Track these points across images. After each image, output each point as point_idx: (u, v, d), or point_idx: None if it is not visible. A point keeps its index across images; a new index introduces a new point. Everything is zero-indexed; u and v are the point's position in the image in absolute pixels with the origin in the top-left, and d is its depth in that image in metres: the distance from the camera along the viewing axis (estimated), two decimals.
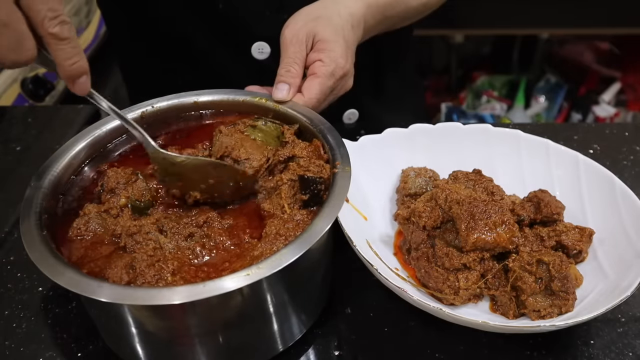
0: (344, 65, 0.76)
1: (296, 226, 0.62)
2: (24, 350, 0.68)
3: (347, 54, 0.77)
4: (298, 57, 0.76)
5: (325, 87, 0.75)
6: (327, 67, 0.74)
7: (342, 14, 0.79)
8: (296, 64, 0.75)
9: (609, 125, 1.08)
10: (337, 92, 0.79)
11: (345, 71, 0.77)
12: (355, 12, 0.80)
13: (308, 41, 0.76)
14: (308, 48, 0.77)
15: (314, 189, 0.64)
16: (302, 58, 0.76)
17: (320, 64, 0.75)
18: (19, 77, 1.39)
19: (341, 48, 0.76)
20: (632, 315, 0.70)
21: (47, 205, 0.63)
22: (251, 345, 0.63)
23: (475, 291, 0.68)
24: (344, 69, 0.76)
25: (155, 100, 0.76)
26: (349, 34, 0.78)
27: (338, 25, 0.77)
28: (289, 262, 0.53)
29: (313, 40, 0.76)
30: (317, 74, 0.75)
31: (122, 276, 0.57)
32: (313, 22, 0.77)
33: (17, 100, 1.37)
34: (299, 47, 0.76)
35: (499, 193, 0.75)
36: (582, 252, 0.72)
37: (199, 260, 0.60)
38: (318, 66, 0.75)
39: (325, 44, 0.75)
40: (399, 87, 1.12)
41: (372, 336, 0.69)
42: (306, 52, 0.76)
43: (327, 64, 0.74)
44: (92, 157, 0.72)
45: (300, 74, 0.76)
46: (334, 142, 0.68)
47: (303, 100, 0.74)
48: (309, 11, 0.79)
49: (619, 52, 2.31)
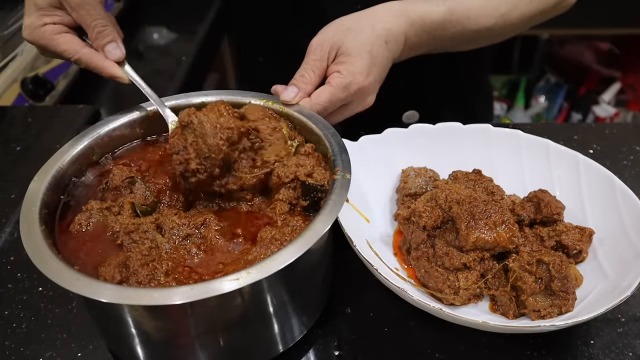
0: (362, 81, 0.74)
1: (292, 231, 0.62)
2: (24, 350, 0.68)
3: (369, 70, 0.75)
4: (316, 65, 0.76)
5: (335, 97, 0.74)
6: (343, 79, 0.74)
7: (377, 28, 0.77)
8: (312, 71, 0.75)
9: (609, 125, 1.08)
10: (352, 107, 0.78)
11: (362, 87, 0.75)
12: (393, 28, 0.78)
13: (331, 52, 0.76)
14: (330, 59, 0.76)
15: (313, 197, 0.64)
16: (321, 67, 0.76)
17: (337, 75, 0.74)
18: (19, 77, 1.39)
19: (363, 63, 0.74)
20: (632, 315, 0.70)
21: (48, 200, 0.63)
22: (251, 346, 0.63)
23: (475, 291, 0.68)
24: (361, 84, 0.74)
25: (164, 99, 0.76)
26: (379, 49, 0.76)
27: (367, 40, 0.75)
28: (279, 268, 0.53)
29: (337, 52, 0.76)
30: (330, 84, 0.74)
31: (114, 275, 0.57)
32: (341, 34, 0.76)
33: (17, 100, 1.37)
34: (320, 57, 0.76)
35: (499, 193, 0.75)
36: (582, 252, 0.72)
37: (193, 262, 0.60)
38: (334, 77, 0.74)
39: (347, 57, 0.75)
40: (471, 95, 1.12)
41: (372, 336, 0.69)
42: (327, 62, 0.76)
43: (344, 77, 0.74)
44: (97, 154, 0.72)
45: (314, 82, 0.76)
46: (336, 148, 0.68)
47: (309, 103, 0.74)
48: (343, 22, 0.78)
49: (619, 52, 2.31)
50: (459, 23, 0.82)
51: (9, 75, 1.37)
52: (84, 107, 1.12)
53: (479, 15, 0.83)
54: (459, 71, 1.06)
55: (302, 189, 0.65)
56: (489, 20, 0.84)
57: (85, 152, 0.70)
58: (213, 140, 0.62)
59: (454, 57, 0.94)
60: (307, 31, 0.80)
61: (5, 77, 1.36)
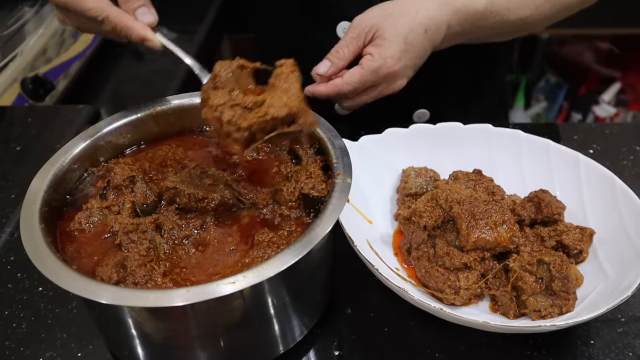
0: (392, 66, 0.77)
1: (289, 235, 0.62)
2: (24, 350, 0.68)
3: (401, 56, 0.77)
4: (353, 43, 0.78)
5: (364, 79, 0.77)
6: (374, 62, 0.76)
7: (419, 16, 0.79)
8: (347, 47, 0.78)
9: (609, 125, 1.08)
10: (382, 89, 0.80)
11: (392, 71, 0.77)
12: (435, 17, 0.80)
13: (369, 33, 0.78)
14: (367, 40, 0.79)
15: (318, 208, 0.64)
16: (357, 46, 0.79)
17: (369, 57, 0.77)
18: (19, 77, 1.39)
19: (396, 49, 0.77)
20: (632, 315, 0.70)
21: (49, 198, 0.63)
22: (252, 347, 0.63)
23: (475, 291, 0.68)
24: (391, 69, 0.77)
25: (167, 98, 0.76)
26: (417, 37, 0.78)
27: (405, 26, 0.78)
28: (275, 273, 0.53)
29: (374, 34, 0.78)
30: (362, 65, 0.77)
31: (111, 275, 0.57)
32: (382, 18, 0.78)
33: (17, 100, 1.37)
34: (357, 35, 0.79)
35: (499, 193, 0.75)
36: (582, 252, 0.72)
37: (191, 263, 0.60)
38: (366, 59, 0.77)
39: (382, 40, 0.77)
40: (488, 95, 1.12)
41: (372, 336, 0.69)
42: (364, 42, 0.79)
43: (375, 60, 0.76)
44: (98, 154, 0.72)
45: (347, 58, 0.79)
46: (338, 152, 0.67)
47: (340, 82, 0.77)
48: (386, 6, 0.80)
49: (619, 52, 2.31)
50: (498, 14, 0.84)
51: (9, 75, 1.37)
52: (84, 107, 1.12)
53: (518, 6, 0.85)
54: (476, 70, 1.06)
55: (305, 201, 0.65)
56: (525, 11, 0.86)
57: (87, 151, 0.70)
58: None
59: (472, 55, 0.96)
60: (323, 27, 0.81)
61: (5, 77, 1.36)
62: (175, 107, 0.76)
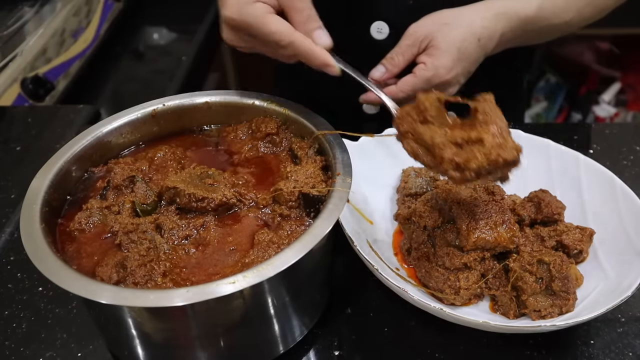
0: (444, 75, 0.78)
1: (289, 235, 0.62)
2: (24, 350, 0.68)
3: (453, 66, 0.79)
4: (407, 51, 0.80)
5: (417, 87, 0.78)
6: (426, 72, 0.78)
7: (475, 25, 0.80)
8: (402, 55, 0.80)
9: (609, 125, 1.08)
10: None
11: (444, 81, 0.79)
12: (490, 26, 0.81)
13: (424, 42, 0.79)
14: (421, 48, 0.80)
15: (318, 207, 0.64)
16: (411, 53, 0.80)
17: (423, 67, 0.78)
18: (19, 77, 1.39)
19: (449, 59, 0.78)
20: (632, 315, 0.70)
21: (49, 198, 0.63)
22: (252, 348, 0.63)
23: (475, 291, 0.68)
24: (443, 78, 0.78)
25: (167, 98, 0.76)
26: (471, 47, 0.80)
27: (458, 36, 0.79)
28: (275, 273, 0.53)
29: (428, 43, 0.79)
30: (415, 74, 0.79)
31: (111, 275, 0.57)
32: (436, 27, 0.79)
33: (17, 100, 1.37)
34: (412, 43, 0.80)
35: (499, 193, 0.75)
36: (582, 252, 0.72)
37: (191, 263, 0.60)
38: (419, 68, 0.78)
39: (435, 50, 0.78)
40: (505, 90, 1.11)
41: (372, 336, 0.69)
42: (418, 50, 0.80)
43: (428, 70, 0.78)
44: (99, 154, 0.72)
45: (401, 65, 0.80)
46: (338, 151, 0.67)
47: (394, 89, 0.78)
48: (443, 15, 0.81)
49: (619, 52, 2.31)
50: (545, 18, 0.86)
51: (9, 75, 1.37)
52: (84, 107, 1.12)
53: (562, 10, 0.87)
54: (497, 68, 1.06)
55: (305, 201, 0.65)
56: (568, 14, 0.87)
57: (87, 151, 0.70)
58: None
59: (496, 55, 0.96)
60: (355, 27, 0.82)
61: (5, 77, 1.36)
62: (175, 107, 0.76)
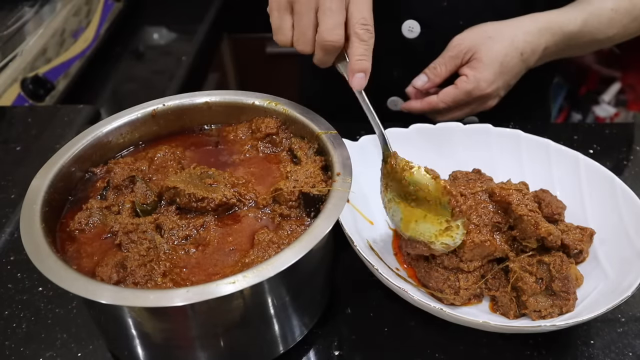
0: (485, 89, 0.81)
1: (289, 235, 0.62)
2: (24, 350, 0.68)
3: (494, 79, 0.81)
4: (450, 62, 0.82)
5: (458, 98, 0.81)
6: (467, 84, 0.80)
7: (518, 40, 0.81)
8: (445, 65, 0.83)
9: (609, 125, 1.08)
10: (474, 107, 0.85)
11: (485, 94, 0.81)
12: (534, 40, 0.82)
13: (467, 54, 0.82)
14: (464, 60, 0.82)
15: (318, 207, 0.64)
16: (454, 65, 0.83)
17: (464, 79, 0.81)
18: (19, 77, 1.38)
19: (491, 72, 0.80)
20: (632, 315, 0.70)
21: (49, 198, 0.63)
22: (252, 348, 0.63)
23: (475, 291, 0.68)
24: (484, 91, 0.81)
25: (167, 98, 0.76)
26: (513, 61, 0.81)
27: (501, 50, 0.80)
28: (275, 273, 0.53)
29: (472, 55, 0.82)
30: (456, 86, 0.81)
31: (111, 275, 0.57)
32: (481, 40, 0.81)
33: (17, 100, 1.37)
34: (456, 54, 0.82)
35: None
36: (582, 252, 0.72)
37: (191, 263, 0.60)
38: (461, 80, 0.81)
39: (478, 63, 0.80)
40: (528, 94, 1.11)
41: (372, 336, 0.69)
42: (461, 62, 0.83)
43: (469, 82, 0.80)
44: (99, 154, 0.72)
45: (443, 76, 0.83)
46: (338, 151, 0.67)
47: (435, 100, 0.81)
48: (487, 28, 0.83)
49: (619, 52, 2.31)
50: (589, 33, 0.87)
51: (9, 75, 1.37)
52: (84, 107, 1.12)
53: (607, 26, 0.88)
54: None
55: (305, 200, 0.65)
56: (613, 30, 0.89)
57: (87, 151, 0.70)
58: None
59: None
60: (387, 24, 0.83)
61: (5, 77, 1.36)
62: (175, 107, 0.76)
